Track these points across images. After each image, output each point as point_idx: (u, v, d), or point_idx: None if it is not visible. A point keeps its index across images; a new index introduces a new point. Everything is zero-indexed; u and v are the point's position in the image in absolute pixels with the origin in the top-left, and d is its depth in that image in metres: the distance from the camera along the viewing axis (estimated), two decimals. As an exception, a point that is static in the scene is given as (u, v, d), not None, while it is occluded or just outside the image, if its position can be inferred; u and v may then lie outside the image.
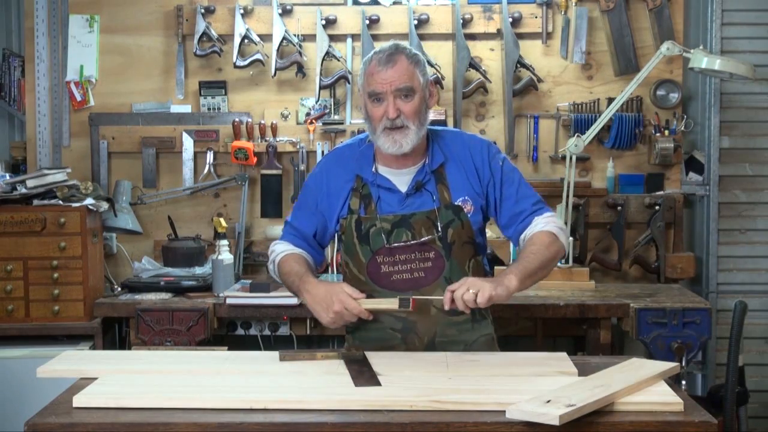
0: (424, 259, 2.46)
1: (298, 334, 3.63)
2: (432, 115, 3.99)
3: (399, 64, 2.41)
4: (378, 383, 2.08)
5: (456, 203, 2.48)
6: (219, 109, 4.10)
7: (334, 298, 2.33)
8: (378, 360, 2.30)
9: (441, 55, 4.05)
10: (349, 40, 4.08)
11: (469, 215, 2.48)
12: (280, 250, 2.59)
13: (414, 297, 2.34)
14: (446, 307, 2.27)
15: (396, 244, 2.45)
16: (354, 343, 2.55)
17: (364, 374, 2.16)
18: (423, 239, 2.45)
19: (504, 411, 1.86)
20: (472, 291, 2.24)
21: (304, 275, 2.47)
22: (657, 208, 3.97)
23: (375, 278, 2.48)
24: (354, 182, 2.52)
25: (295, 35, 4.01)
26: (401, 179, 2.50)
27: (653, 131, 3.99)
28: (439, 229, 2.45)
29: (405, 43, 2.54)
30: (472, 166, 2.51)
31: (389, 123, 2.40)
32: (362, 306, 2.33)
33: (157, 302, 3.54)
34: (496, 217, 2.56)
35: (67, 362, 2.33)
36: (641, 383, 2.04)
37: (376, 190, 2.49)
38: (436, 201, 2.47)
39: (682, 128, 4.00)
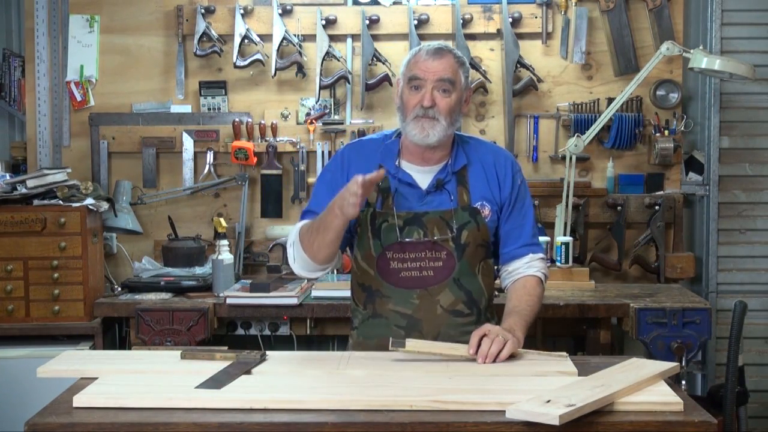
0: (435, 258, 2.48)
1: (298, 334, 3.63)
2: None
3: (446, 59, 2.46)
4: (218, 388, 2.03)
5: (474, 206, 2.51)
6: (219, 109, 4.10)
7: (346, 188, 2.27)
8: (378, 360, 2.30)
9: (441, 55, 4.05)
10: (349, 40, 4.08)
11: (486, 219, 2.51)
12: (297, 227, 2.52)
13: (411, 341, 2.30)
14: (471, 352, 2.26)
15: (408, 240, 2.47)
16: (358, 340, 2.56)
17: (221, 376, 2.12)
18: (436, 238, 2.47)
19: (504, 411, 1.86)
20: (496, 344, 2.25)
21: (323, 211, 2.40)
22: (657, 208, 3.96)
23: (384, 274, 2.50)
24: None
25: (295, 35, 4.01)
26: (423, 176, 2.52)
27: (653, 131, 3.99)
28: (454, 229, 2.47)
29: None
30: (494, 174, 2.55)
31: (421, 111, 2.43)
32: None
33: (157, 302, 3.54)
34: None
35: (67, 362, 2.33)
36: (641, 383, 2.04)
37: (396, 184, 2.50)
38: (454, 202, 2.49)
39: (682, 128, 4.00)
